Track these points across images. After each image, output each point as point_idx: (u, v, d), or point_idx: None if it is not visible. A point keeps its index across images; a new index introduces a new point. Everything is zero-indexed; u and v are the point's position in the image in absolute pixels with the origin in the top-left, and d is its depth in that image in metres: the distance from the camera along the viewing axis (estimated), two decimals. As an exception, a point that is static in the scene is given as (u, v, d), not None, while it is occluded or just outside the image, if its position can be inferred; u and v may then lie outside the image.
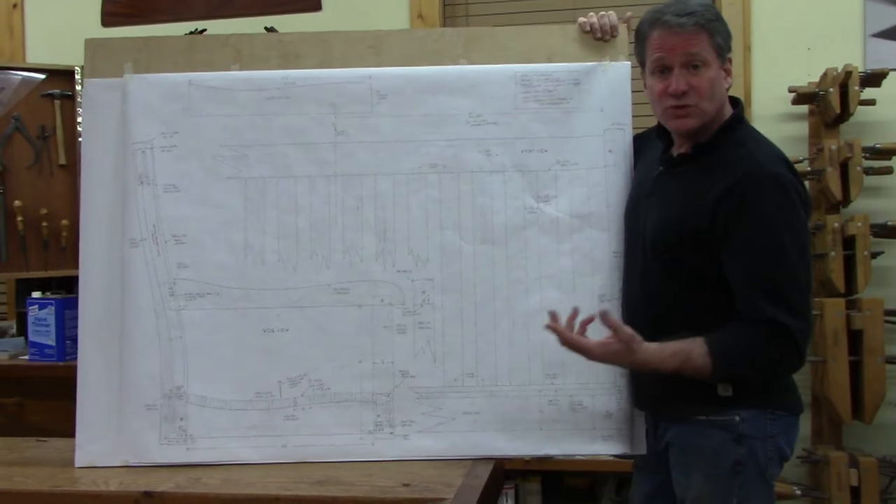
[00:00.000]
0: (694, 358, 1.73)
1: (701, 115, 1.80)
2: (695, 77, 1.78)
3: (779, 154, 1.82)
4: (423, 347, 1.95)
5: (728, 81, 1.84)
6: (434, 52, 2.04)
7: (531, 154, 1.99)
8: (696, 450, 1.82)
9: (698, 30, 1.77)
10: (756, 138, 1.85)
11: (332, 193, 1.98)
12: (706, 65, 1.78)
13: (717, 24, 1.80)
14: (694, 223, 1.77)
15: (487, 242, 1.97)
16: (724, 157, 1.79)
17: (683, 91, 1.78)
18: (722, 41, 1.80)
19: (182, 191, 1.97)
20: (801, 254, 1.75)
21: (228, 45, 2.04)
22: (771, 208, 1.72)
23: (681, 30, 1.77)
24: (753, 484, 1.78)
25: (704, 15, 1.78)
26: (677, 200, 1.82)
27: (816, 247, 2.95)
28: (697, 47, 1.78)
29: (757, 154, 1.78)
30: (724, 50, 1.81)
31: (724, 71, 1.82)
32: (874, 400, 2.81)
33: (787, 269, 1.73)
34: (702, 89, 1.78)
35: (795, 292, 1.73)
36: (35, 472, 1.86)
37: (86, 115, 2.05)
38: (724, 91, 1.83)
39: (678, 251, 1.80)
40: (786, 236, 1.72)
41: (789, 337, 1.71)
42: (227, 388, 1.93)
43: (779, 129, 3.12)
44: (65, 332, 2.97)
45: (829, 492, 2.80)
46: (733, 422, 1.77)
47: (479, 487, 1.68)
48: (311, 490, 1.70)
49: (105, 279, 1.97)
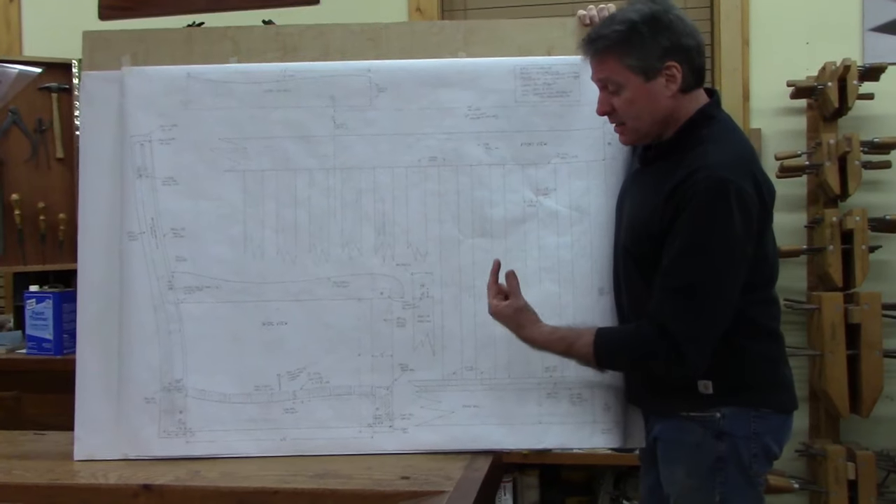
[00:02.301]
0: (579, 346, 1.80)
1: (633, 131, 1.81)
2: (615, 98, 1.78)
3: (738, 155, 1.75)
4: (423, 341, 1.95)
5: (671, 88, 1.75)
6: (433, 45, 2.03)
7: (530, 147, 1.99)
8: (679, 445, 1.83)
9: (603, 55, 1.76)
10: (720, 137, 1.77)
11: (331, 187, 1.98)
12: (621, 87, 1.76)
13: (626, 46, 1.73)
14: (649, 223, 1.77)
15: (486, 235, 1.97)
16: (681, 157, 1.76)
17: (606, 112, 1.81)
18: (637, 60, 1.73)
19: (181, 184, 1.97)
20: (728, 260, 1.70)
21: (227, 38, 2.03)
22: (703, 211, 1.69)
23: (589, 57, 1.79)
24: (736, 481, 1.78)
25: (610, 37, 1.74)
26: (642, 200, 1.83)
27: (815, 241, 2.96)
28: (605, 73, 1.77)
29: (711, 155, 1.72)
30: (649, 64, 1.74)
31: (663, 79, 1.75)
32: (872, 394, 2.81)
33: (702, 273, 1.69)
34: (621, 110, 1.78)
35: (703, 297, 1.70)
36: (34, 465, 1.86)
37: (84, 109, 2.04)
38: (659, 103, 1.77)
39: (646, 251, 1.79)
40: (713, 240, 1.68)
41: (673, 341, 1.70)
42: (226, 382, 1.93)
43: (777, 124, 3.13)
44: (62, 326, 2.97)
45: (826, 485, 2.81)
46: (714, 418, 1.77)
47: (478, 480, 1.68)
48: (309, 483, 1.70)
49: (103, 272, 1.97)
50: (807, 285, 3.08)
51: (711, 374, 1.76)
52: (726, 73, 3.12)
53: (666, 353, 1.71)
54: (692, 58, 1.77)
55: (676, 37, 1.75)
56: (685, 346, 1.70)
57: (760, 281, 1.79)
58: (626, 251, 1.87)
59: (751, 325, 1.77)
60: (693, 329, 1.71)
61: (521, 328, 1.83)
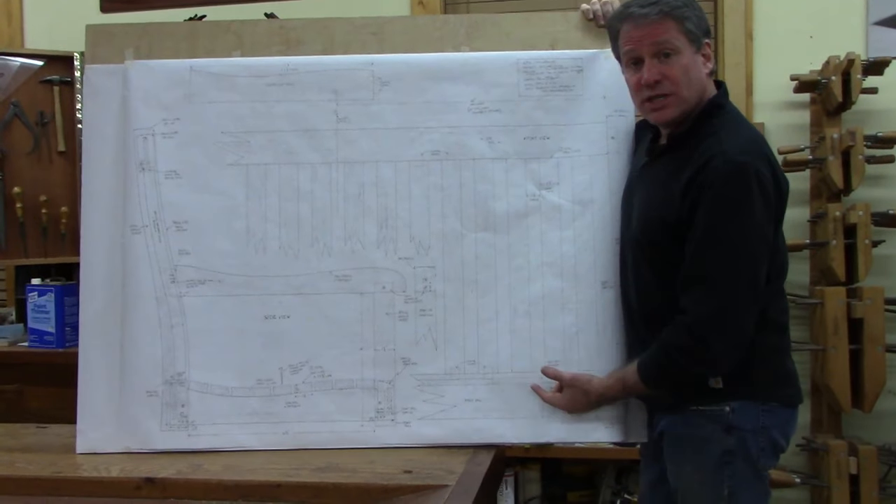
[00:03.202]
0: (628, 378, 1.83)
1: (679, 103, 1.78)
2: (666, 66, 1.76)
3: (753, 141, 1.77)
4: (425, 335, 1.95)
5: (708, 67, 1.80)
6: (436, 38, 2.03)
7: (533, 141, 1.98)
8: (686, 439, 1.82)
9: (664, 18, 1.75)
10: (732, 125, 1.79)
11: (334, 180, 1.97)
12: (677, 52, 1.76)
13: (685, 11, 1.76)
14: (666, 216, 1.76)
15: (489, 230, 1.97)
16: (696, 148, 1.76)
17: (656, 80, 1.77)
18: (693, 27, 1.76)
19: (183, 177, 1.97)
20: (749, 246, 1.70)
21: (230, 32, 2.03)
22: (723, 198, 1.69)
23: (646, 20, 1.76)
24: (744, 474, 1.77)
25: (670, 3, 1.75)
26: (654, 194, 1.82)
27: (818, 235, 2.96)
28: (665, 35, 1.76)
29: (725, 142, 1.73)
30: (698, 35, 1.77)
31: (702, 56, 1.79)
32: (874, 388, 2.81)
33: (724, 262, 1.70)
34: (675, 77, 1.76)
35: (726, 287, 1.70)
36: (36, 458, 1.86)
37: (86, 102, 2.03)
38: (702, 77, 1.80)
39: (660, 246, 1.79)
40: (732, 227, 1.69)
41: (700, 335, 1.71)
42: (229, 375, 1.93)
43: (780, 118, 3.12)
44: (64, 319, 2.97)
45: (828, 480, 2.81)
46: (723, 412, 1.77)
47: (481, 474, 1.68)
48: (312, 477, 1.70)
49: (106, 266, 1.97)
50: (809, 280, 3.08)
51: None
52: (730, 68, 3.11)
53: (694, 348, 1.72)
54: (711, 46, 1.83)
55: (706, 21, 1.81)
56: (712, 338, 1.70)
57: (773, 273, 1.78)
58: (635, 244, 1.86)
59: (762, 317, 1.76)
60: (718, 320, 1.70)
61: (588, 395, 1.88)
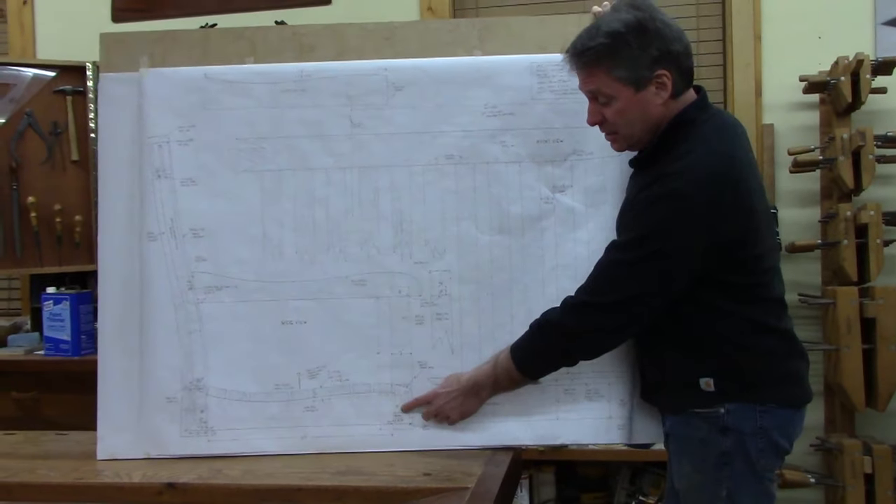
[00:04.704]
0: (500, 356, 1.88)
1: (624, 139, 1.82)
2: (605, 109, 1.78)
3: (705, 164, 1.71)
4: (441, 338, 1.96)
5: (662, 96, 1.75)
6: (449, 42, 2.03)
7: (547, 144, 1.99)
8: (686, 440, 1.84)
9: (592, 67, 1.75)
10: (695, 142, 1.74)
11: (349, 185, 1.98)
12: (611, 97, 1.76)
13: (615, 57, 1.72)
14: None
15: (504, 233, 1.98)
16: (654, 166, 1.79)
17: (597, 122, 1.82)
18: (626, 71, 1.72)
19: (199, 184, 1.98)
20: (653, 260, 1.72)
21: (244, 38, 2.04)
22: (645, 215, 1.74)
23: (576, 68, 1.79)
24: (743, 476, 1.78)
25: (597, 49, 1.72)
26: (623, 209, 1.88)
27: (829, 235, 2.96)
28: (595, 85, 1.77)
29: (680, 161, 1.72)
30: (638, 76, 1.73)
31: (653, 87, 1.75)
32: (888, 387, 2.81)
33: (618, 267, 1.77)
34: (613, 120, 1.79)
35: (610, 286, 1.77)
36: (57, 464, 1.86)
37: (101, 110, 2.04)
38: (649, 111, 1.76)
39: None
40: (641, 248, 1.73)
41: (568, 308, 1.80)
42: (247, 381, 1.94)
43: (790, 119, 3.13)
44: (80, 327, 2.99)
45: (842, 479, 2.81)
46: (718, 414, 1.78)
47: (500, 476, 1.69)
48: (332, 480, 1.71)
49: (123, 273, 1.98)
50: (821, 280, 3.08)
51: (712, 372, 1.78)
52: (738, 69, 3.12)
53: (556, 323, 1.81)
54: (681, 63, 1.76)
55: (665, 44, 1.73)
56: (573, 325, 1.80)
57: (753, 281, 1.79)
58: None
59: (749, 323, 1.77)
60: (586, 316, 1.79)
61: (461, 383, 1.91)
